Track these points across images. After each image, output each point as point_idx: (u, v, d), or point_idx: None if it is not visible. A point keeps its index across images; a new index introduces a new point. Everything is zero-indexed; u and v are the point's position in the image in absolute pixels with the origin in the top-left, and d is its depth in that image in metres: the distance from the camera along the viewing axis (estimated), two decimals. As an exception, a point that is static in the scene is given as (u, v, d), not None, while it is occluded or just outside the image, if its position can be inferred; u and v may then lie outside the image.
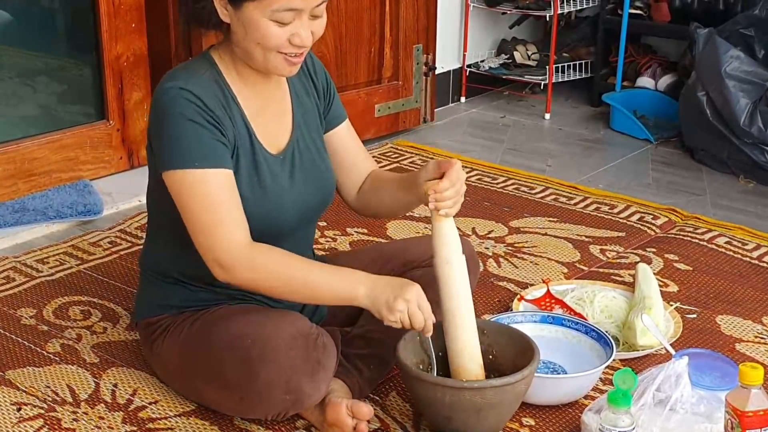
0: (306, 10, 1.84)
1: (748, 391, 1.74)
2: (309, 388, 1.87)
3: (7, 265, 2.73)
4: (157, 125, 1.89)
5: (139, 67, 3.35)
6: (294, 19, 1.84)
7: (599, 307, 2.45)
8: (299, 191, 2.01)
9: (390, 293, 1.85)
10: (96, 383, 2.17)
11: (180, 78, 1.89)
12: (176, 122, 1.85)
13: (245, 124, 1.95)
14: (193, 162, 1.84)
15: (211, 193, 1.85)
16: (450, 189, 1.91)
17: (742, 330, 2.46)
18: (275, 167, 1.98)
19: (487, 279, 2.69)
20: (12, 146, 3.12)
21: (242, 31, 1.86)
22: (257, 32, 1.84)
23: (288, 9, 1.82)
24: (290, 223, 2.02)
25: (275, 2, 1.81)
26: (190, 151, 1.84)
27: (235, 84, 1.95)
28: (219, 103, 1.90)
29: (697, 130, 3.70)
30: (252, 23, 1.84)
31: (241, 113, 1.94)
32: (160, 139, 1.88)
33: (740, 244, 2.95)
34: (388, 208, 2.16)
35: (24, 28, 3.33)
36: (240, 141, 1.93)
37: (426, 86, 4.02)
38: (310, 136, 2.06)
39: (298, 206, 2.02)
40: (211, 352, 1.93)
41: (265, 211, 1.95)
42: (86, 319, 2.45)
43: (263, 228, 1.95)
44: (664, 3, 4.19)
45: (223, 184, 1.86)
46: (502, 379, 1.89)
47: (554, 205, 3.25)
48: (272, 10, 1.82)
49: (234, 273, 1.86)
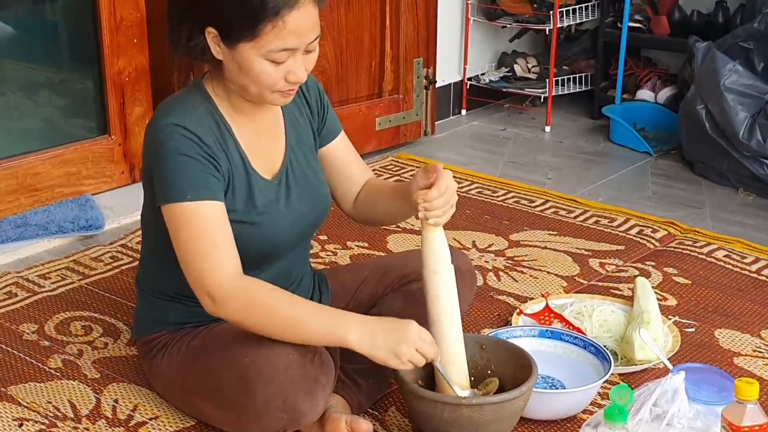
0: (300, 48, 1.85)
1: (744, 406, 1.75)
2: (307, 406, 1.87)
3: (9, 280, 2.74)
4: (153, 160, 1.90)
5: (140, 82, 3.37)
6: (288, 58, 1.85)
7: (598, 321, 2.46)
8: (295, 213, 2.03)
9: (391, 341, 1.84)
10: (97, 399, 2.18)
11: (176, 114, 1.90)
12: (171, 157, 1.86)
13: (240, 154, 1.96)
14: (186, 195, 1.86)
15: (200, 224, 1.86)
16: (439, 198, 1.90)
17: (740, 344, 2.47)
18: (270, 192, 2.00)
19: (486, 293, 2.71)
20: (14, 161, 3.14)
21: (236, 68, 1.87)
22: (252, 71, 1.85)
23: (283, 49, 1.83)
24: (287, 244, 2.04)
25: (270, 43, 1.82)
26: (183, 185, 1.86)
27: (230, 115, 1.96)
28: (214, 136, 1.91)
29: (697, 143, 3.71)
30: (246, 62, 1.84)
31: (235, 143, 1.96)
32: (156, 174, 1.90)
33: (739, 257, 2.96)
34: (384, 216, 2.17)
35: (26, 43, 3.35)
36: (235, 171, 1.95)
37: (426, 99, 4.04)
38: (303, 156, 2.08)
39: (294, 227, 2.04)
40: (209, 369, 1.95)
41: (263, 235, 1.97)
42: (87, 334, 2.46)
43: (261, 251, 1.98)
44: (664, 16, 4.20)
45: (214, 216, 1.87)
46: (501, 396, 1.90)
47: (554, 218, 3.27)
48: (267, 50, 1.82)
49: (225, 307, 1.86)
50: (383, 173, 3.65)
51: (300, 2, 1.81)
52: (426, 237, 1.94)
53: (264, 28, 1.81)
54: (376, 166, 3.71)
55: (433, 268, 1.95)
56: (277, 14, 1.80)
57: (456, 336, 1.97)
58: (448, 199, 1.92)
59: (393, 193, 2.11)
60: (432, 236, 1.94)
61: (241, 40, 1.83)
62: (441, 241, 1.95)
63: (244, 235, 1.94)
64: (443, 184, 1.91)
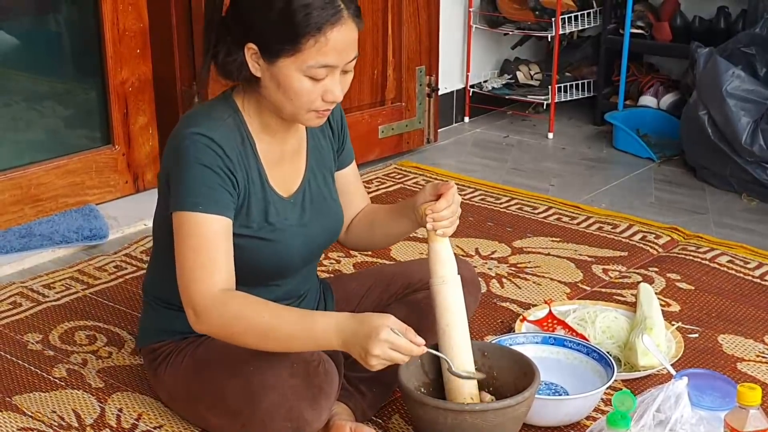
0: (339, 66, 1.86)
1: (747, 411, 1.75)
2: (311, 415, 1.88)
3: (13, 290, 2.75)
4: (173, 166, 1.90)
5: (144, 92, 3.38)
6: (327, 75, 1.86)
7: (601, 327, 2.46)
8: (308, 232, 2.04)
9: (359, 348, 1.78)
10: (101, 408, 2.19)
11: (202, 125, 1.89)
12: (192, 166, 1.86)
13: (259, 171, 1.97)
14: (198, 205, 1.86)
15: (202, 235, 1.86)
16: (447, 209, 1.95)
17: (743, 349, 2.47)
18: (286, 210, 2.00)
19: (489, 300, 2.71)
20: (19, 172, 3.15)
21: (274, 85, 1.87)
22: (290, 87, 1.85)
23: (323, 65, 1.84)
24: (297, 263, 2.05)
25: (311, 58, 1.82)
26: (198, 195, 1.86)
27: (256, 132, 1.97)
28: (237, 150, 1.92)
29: (700, 149, 3.72)
30: (286, 78, 1.85)
31: (257, 160, 1.96)
32: (174, 180, 1.90)
33: (742, 262, 2.96)
34: (380, 237, 2.19)
35: (30, 54, 3.36)
36: (252, 187, 1.95)
37: (429, 107, 4.04)
38: (323, 178, 2.10)
39: (307, 246, 2.05)
40: (213, 378, 1.95)
41: (275, 251, 1.97)
42: (92, 343, 2.47)
43: (272, 268, 1.99)
44: (666, 22, 4.21)
45: (218, 231, 1.87)
46: (504, 402, 1.90)
47: (557, 224, 3.27)
48: (308, 66, 1.83)
49: (205, 320, 1.84)
50: (386, 181, 3.66)
51: (342, 20, 1.83)
52: (433, 248, 1.97)
53: (306, 43, 1.81)
54: (379, 174, 3.72)
55: (441, 278, 1.97)
56: (320, 30, 1.81)
57: (465, 343, 1.98)
58: (455, 210, 1.97)
59: (391, 212, 2.15)
60: (439, 247, 1.97)
61: (281, 55, 1.83)
62: (448, 252, 1.98)
63: (257, 250, 1.95)
64: (451, 195, 1.96)
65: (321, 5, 1.81)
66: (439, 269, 1.97)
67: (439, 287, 1.97)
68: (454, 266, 1.98)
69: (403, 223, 2.11)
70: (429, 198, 1.99)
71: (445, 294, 1.97)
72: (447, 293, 1.97)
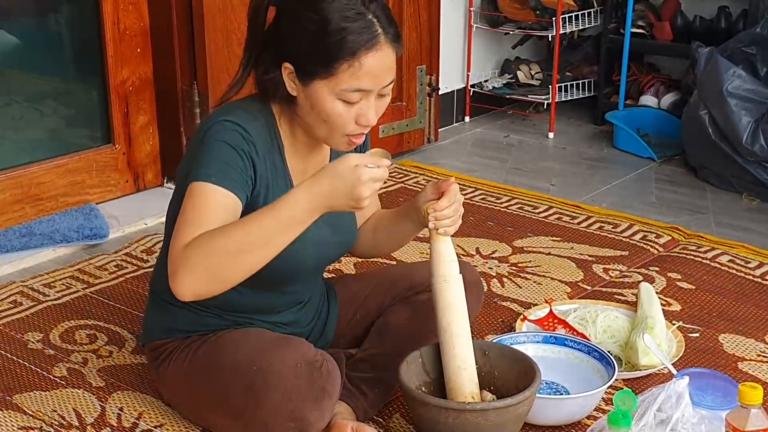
0: (374, 91, 1.85)
1: (748, 410, 1.75)
2: (313, 415, 1.88)
3: (14, 289, 2.75)
4: (197, 147, 1.88)
5: (144, 92, 3.38)
6: (361, 99, 1.85)
7: (602, 327, 2.46)
8: (321, 243, 2.02)
9: (347, 200, 1.74)
10: (102, 407, 2.19)
11: (237, 116, 1.89)
12: (216, 143, 1.85)
13: (284, 169, 1.96)
14: (211, 176, 1.83)
15: (204, 201, 1.81)
16: (448, 208, 1.93)
17: (744, 349, 2.47)
18: None
19: (490, 299, 2.71)
20: (19, 171, 3.15)
21: (308, 105, 1.87)
22: (323, 110, 1.85)
23: (357, 90, 1.83)
24: (307, 271, 2.05)
25: (344, 82, 1.81)
26: (212, 168, 1.83)
27: (287, 141, 1.97)
28: (264, 143, 1.91)
29: (700, 149, 3.71)
30: (319, 100, 1.84)
31: (283, 160, 1.96)
32: (196, 157, 1.86)
33: (743, 262, 2.96)
34: (384, 241, 2.18)
35: (31, 53, 3.37)
36: (274, 179, 1.93)
37: (430, 107, 4.04)
38: None
39: (319, 256, 2.05)
40: (216, 378, 1.95)
41: (287, 256, 1.92)
42: (92, 342, 2.47)
43: (281, 274, 1.97)
44: (666, 22, 4.21)
45: (220, 202, 1.82)
46: (505, 401, 1.90)
47: (558, 224, 3.27)
48: (341, 89, 1.82)
49: (180, 272, 1.75)
50: (386, 181, 3.63)
51: (378, 45, 1.82)
52: (435, 247, 1.97)
53: (339, 67, 1.81)
54: (380, 174, 3.72)
55: (442, 277, 1.97)
56: (354, 55, 1.80)
57: (466, 342, 1.98)
58: (457, 208, 1.96)
59: (394, 215, 2.14)
60: (441, 246, 1.97)
61: (315, 77, 1.83)
62: (450, 251, 1.97)
63: None
64: (452, 194, 1.95)
65: (358, 30, 1.80)
66: (440, 268, 1.97)
67: (440, 286, 1.97)
68: (456, 265, 1.98)
69: (406, 226, 2.10)
70: (430, 197, 1.98)
71: (446, 293, 1.96)
72: (448, 292, 1.96)
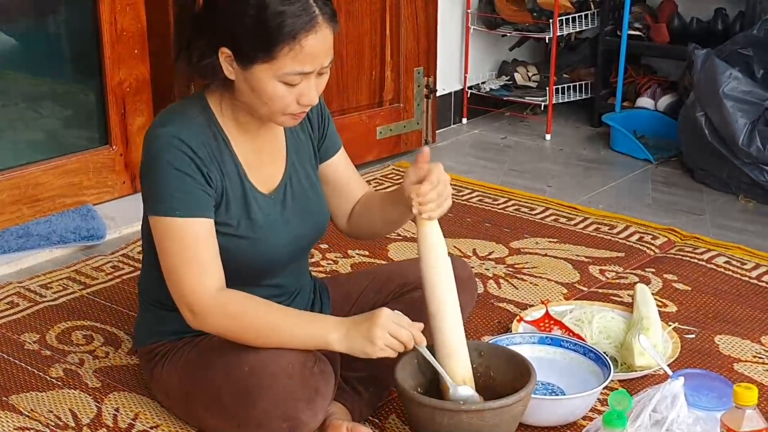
0: (314, 71, 1.86)
1: (743, 411, 1.75)
2: (307, 415, 1.87)
3: (11, 290, 2.75)
4: (146, 169, 1.92)
5: (141, 93, 3.38)
6: (302, 80, 1.85)
7: (597, 327, 2.46)
8: (292, 228, 2.03)
9: (363, 330, 1.86)
10: (98, 408, 2.19)
11: (173, 123, 1.90)
12: (164, 170, 1.87)
13: (236, 167, 1.97)
14: (175, 210, 1.87)
15: (186, 239, 1.87)
16: (431, 192, 1.90)
17: (740, 350, 2.47)
18: (267, 207, 2.00)
19: (487, 300, 2.71)
20: (17, 172, 3.15)
21: (248, 89, 1.87)
22: (265, 93, 1.85)
23: (298, 73, 1.84)
24: (283, 260, 2.05)
25: (286, 66, 1.82)
26: (173, 200, 1.87)
27: (230, 130, 1.97)
28: (208, 148, 1.92)
29: (697, 150, 3.72)
30: (260, 84, 1.85)
31: (232, 157, 1.96)
32: (148, 184, 1.91)
33: (739, 263, 2.96)
34: (381, 225, 2.16)
35: (28, 55, 3.37)
36: (229, 184, 1.95)
37: (427, 108, 4.05)
38: (304, 171, 2.08)
39: (292, 243, 2.04)
40: (209, 379, 1.95)
41: (260, 250, 1.96)
42: (89, 343, 2.47)
43: (257, 266, 1.99)
44: (663, 24, 4.22)
45: (201, 232, 1.88)
46: (500, 401, 1.90)
47: (554, 225, 3.27)
48: (283, 73, 1.83)
49: (206, 319, 1.89)
50: (384, 182, 3.66)
51: (317, 27, 1.82)
52: (421, 231, 1.94)
53: (280, 51, 1.81)
54: (377, 175, 3.73)
55: (429, 263, 1.94)
56: (295, 38, 1.80)
57: (456, 328, 1.96)
58: (441, 191, 1.91)
59: (387, 198, 2.12)
60: (427, 230, 1.94)
61: (256, 62, 1.83)
62: (436, 235, 1.94)
63: (241, 249, 1.95)
64: (435, 177, 1.91)
65: (295, 12, 1.80)
66: (427, 253, 1.94)
67: (427, 271, 1.94)
68: (444, 250, 1.95)
69: (398, 209, 2.07)
70: (413, 180, 1.93)
71: (434, 279, 1.94)
72: (437, 278, 1.94)
